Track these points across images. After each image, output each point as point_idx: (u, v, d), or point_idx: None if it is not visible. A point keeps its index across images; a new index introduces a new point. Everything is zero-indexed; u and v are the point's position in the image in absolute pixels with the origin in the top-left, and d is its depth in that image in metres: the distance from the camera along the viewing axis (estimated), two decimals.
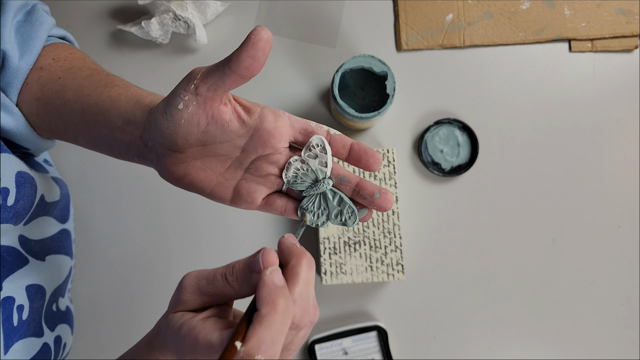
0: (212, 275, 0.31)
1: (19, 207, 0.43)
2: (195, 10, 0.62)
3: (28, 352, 0.47)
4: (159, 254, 0.63)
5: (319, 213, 0.35)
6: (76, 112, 0.39)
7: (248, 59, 0.29)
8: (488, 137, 0.63)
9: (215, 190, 0.36)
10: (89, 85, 0.40)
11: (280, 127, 0.34)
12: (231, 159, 0.35)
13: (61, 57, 0.43)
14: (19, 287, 0.46)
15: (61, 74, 0.41)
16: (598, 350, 0.62)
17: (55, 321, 0.54)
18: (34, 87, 0.41)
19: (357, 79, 0.62)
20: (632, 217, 0.63)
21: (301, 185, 0.35)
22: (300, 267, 0.29)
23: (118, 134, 0.37)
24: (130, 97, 0.37)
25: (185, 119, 0.32)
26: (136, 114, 0.36)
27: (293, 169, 0.35)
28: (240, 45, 0.29)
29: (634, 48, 0.64)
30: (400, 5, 0.64)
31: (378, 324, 0.60)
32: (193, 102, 0.32)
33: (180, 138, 0.33)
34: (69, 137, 0.42)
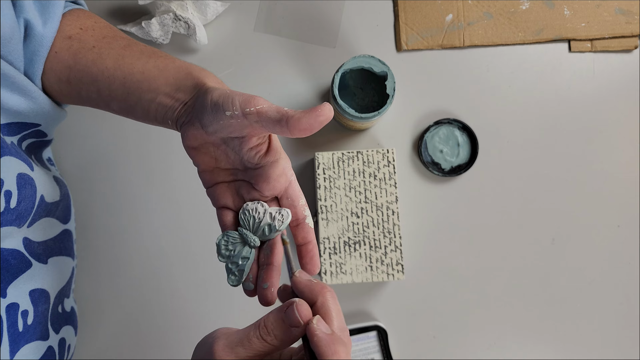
0: (245, 339, 0.31)
1: (21, 208, 0.44)
2: (195, 11, 0.62)
3: (34, 356, 0.47)
4: (160, 254, 0.63)
5: None
6: (116, 78, 0.41)
7: (306, 127, 0.33)
8: (488, 137, 0.63)
9: (204, 173, 0.41)
10: (131, 54, 0.42)
11: (279, 184, 0.39)
12: (232, 167, 0.40)
13: (88, 26, 0.45)
14: (22, 293, 0.47)
15: (95, 43, 0.43)
16: (597, 350, 0.62)
17: (61, 323, 0.54)
18: (65, 55, 0.42)
19: (357, 79, 0.62)
20: (631, 217, 0.63)
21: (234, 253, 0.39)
22: (329, 302, 0.31)
23: (162, 98, 0.40)
24: (178, 68, 0.40)
25: (224, 122, 0.36)
26: (187, 84, 0.39)
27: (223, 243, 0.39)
28: (306, 112, 0.33)
29: (633, 48, 0.64)
30: (400, 5, 0.64)
31: (378, 323, 0.60)
32: (238, 119, 0.35)
33: (211, 126, 0.36)
34: (100, 102, 0.44)
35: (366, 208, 0.58)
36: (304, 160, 0.64)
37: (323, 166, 0.59)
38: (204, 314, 0.62)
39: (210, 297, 0.63)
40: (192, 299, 0.63)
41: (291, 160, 0.65)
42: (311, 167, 0.64)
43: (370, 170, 0.59)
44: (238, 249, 0.39)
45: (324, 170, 0.59)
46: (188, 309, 0.63)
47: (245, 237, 0.38)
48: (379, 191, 0.58)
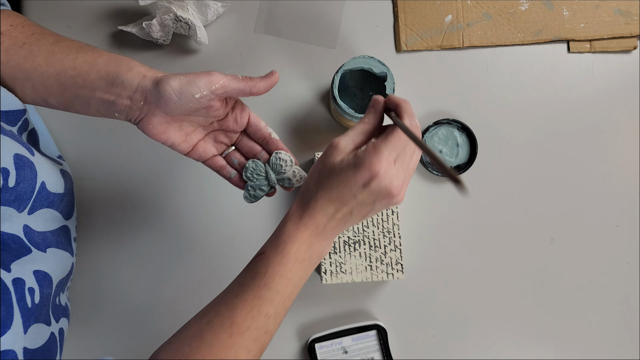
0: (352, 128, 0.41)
1: (20, 189, 0.44)
2: (196, 11, 0.62)
3: (40, 338, 0.47)
4: (158, 254, 0.63)
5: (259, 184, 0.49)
6: (49, 75, 0.43)
7: (264, 91, 0.44)
8: (487, 137, 0.64)
9: (180, 146, 0.46)
10: (60, 51, 0.43)
11: (243, 119, 0.47)
12: (200, 126, 0.47)
13: (17, 23, 0.46)
14: (27, 271, 0.47)
15: (25, 40, 0.44)
16: (597, 350, 0.62)
17: (59, 314, 0.54)
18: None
19: (357, 79, 0.62)
20: (630, 217, 0.63)
21: (257, 181, 0.48)
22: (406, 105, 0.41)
23: (100, 94, 0.42)
24: (107, 61, 0.43)
25: (194, 103, 0.42)
26: (121, 77, 0.42)
27: (251, 167, 0.48)
28: (263, 79, 0.44)
29: (632, 49, 0.64)
30: (399, 6, 0.64)
31: (378, 322, 0.61)
32: (207, 97, 0.42)
33: (179, 111, 0.42)
34: (37, 98, 0.45)
35: None
36: (304, 161, 0.64)
37: None
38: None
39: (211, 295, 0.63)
40: (193, 298, 0.63)
41: None
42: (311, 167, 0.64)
43: None
44: (259, 181, 0.48)
45: None
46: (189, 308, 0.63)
47: (269, 178, 0.48)
48: None
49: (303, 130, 0.64)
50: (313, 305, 0.62)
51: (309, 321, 0.62)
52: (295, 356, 0.62)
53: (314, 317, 0.62)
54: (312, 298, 0.62)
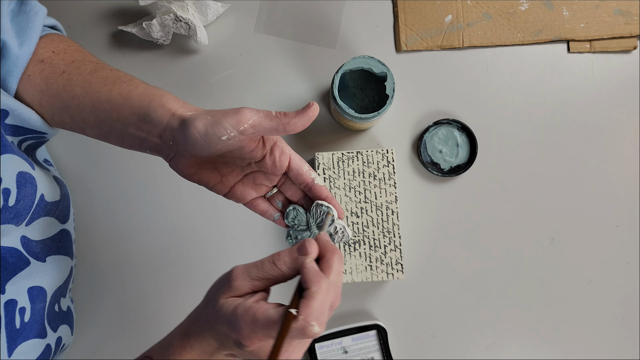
0: (259, 263, 0.36)
1: (20, 207, 0.44)
2: (196, 12, 0.62)
3: (32, 353, 0.47)
4: (158, 254, 0.63)
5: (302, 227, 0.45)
6: (86, 106, 0.42)
7: (301, 127, 0.38)
8: (487, 137, 0.64)
9: (216, 187, 0.43)
10: (97, 81, 0.42)
11: (283, 162, 0.42)
12: (237, 167, 0.43)
13: (60, 49, 0.45)
14: (21, 289, 0.47)
15: (65, 68, 0.43)
16: (596, 350, 0.62)
17: (58, 322, 0.54)
18: (37, 79, 0.43)
19: (357, 79, 0.62)
20: (630, 217, 0.63)
21: (299, 228, 0.45)
22: (334, 261, 0.35)
23: (133, 130, 0.41)
24: (141, 95, 0.41)
25: (222, 146, 0.38)
26: (151, 115, 0.40)
27: (292, 216, 0.45)
28: (298, 114, 0.37)
29: (632, 49, 0.64)
30: (399, 6, 0.64)
31: (377, 322, 0.61)
32: (236, 138, 0.37)
33: (208, 153, 0.39)
34: (75, 127, 0.44)
35: (366, 208, 0.58)
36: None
37: (323, 166, 0.59)
38: None
39: None
40: (193, 298, 0.63)
41: None
42: (311, 167, 0.64)
43: (370, 171, 0.59)
44: (302, 231, 0.45)
45: (324, 170, 0.59)
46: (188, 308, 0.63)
47: (311, 229, 0.45)
48: (379, 191, 0.59)
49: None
50: None
51: None
52: None
53: None
54: None
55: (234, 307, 0.34)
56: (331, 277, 0.35)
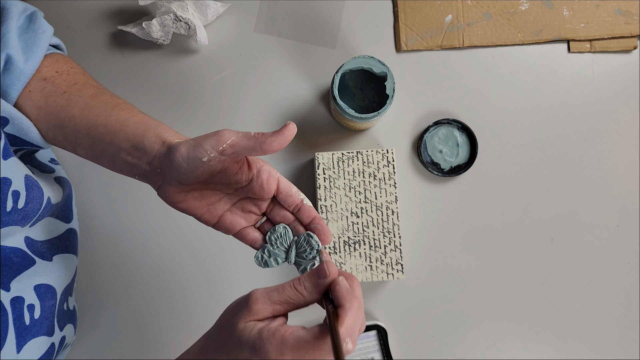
0: (280, 287, 0.36)
1: (28, 209, 0.45)
2: (195, 11, 0.62)
3: (38, 351, 0.48)
4: (159, 254, 0.63)
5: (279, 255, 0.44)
6: (82, 127, 0.43)
7: (278, 147, 0.38)
8: (487, 137, 0.64)
9: (204, 216, 0.43)
10: (96, 105, 0.43)
11: (270, 184, 0.42)
12: (224, 194, 0.43)
13: (64, 70, 0.46)
14: (27, 287, 0.47)
15: (66, 89, 0.44)
16: (597, 350, 0.62)
17: (65, 320, 0.54)
18: (37, 95, 0.44)
19: (357, 79, 0.62)
20: (630, 217, 0.63)
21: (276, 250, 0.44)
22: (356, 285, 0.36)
23: (124, 155, 0.41)
24: (138, 123, 0.42)
25: (204, 168, 0.38)
26: (144, 142, 0.40)
27: (279, 233, 0.43)
28: (275, 134, 0.37)
29: (632, 49, 0.64)
30: (399, 6, 0.64)
31: (378, 323, 0.60)
32: (216, 159, 0.38)
33: (192, 178, 0.39)
34: (67, 146, 0.45)
35: (366, 208, 0.58)
36: (304, 160, 0.64)
37: (323, 166, 0.59)
38: (205, 313, 0.63)
39: (212, 296, 0.63)
40: (193, 298, 0.63)
41: (291, 160, 0.65)
42: (311, 167, 0.64)
43: (370, 171, 0.59)
44: (279, 252, 0.44)
45: (324, 170, 0.59)
46: (188, 308, 0.63)
47: (289, 255, 0.44)
48: (379, 191, 0.59)
49: (303, 130, 0.64)
50: (313, 305, 0.62)
51: (309, 321, 0.62)
52: None
53: (314, 317, 0.62)
54: None
55: (258, 330, 0.33)
56: (359, 298, 0.35)
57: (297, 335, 0.32)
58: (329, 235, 0.43)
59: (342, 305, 0.33)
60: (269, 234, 0.44)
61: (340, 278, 0.35)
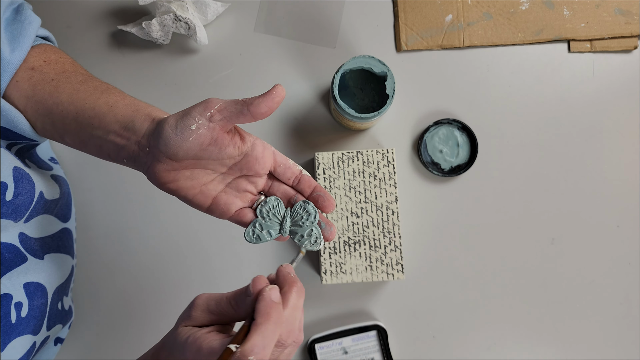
0: (220, 298, 0.36)
1: (18, 202, 0.44)
2: (195, 11, 0.62)
3: (22, 349, 0.47)
4: (159, 254, 0.63)
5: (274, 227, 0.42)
6: (69, 113, 0.42)
7: (266, 109, 0.37)
8: (487, 137, 0.64)
9: (196, 198, 0.40)
10: (85, 90, 0.42)
11: (266, 157, 0.40)
12: (217, 174, 0.41)
13: (52, 59, 0.45)
14: (16, 285, 0.47)
15: (54, 76, 0.44)
16: (597, 350, 0.62)
17: (56, 320, 0.54)
18: (25, 85, 0.43)
19: (357, 79, 0.62)
20: (631, 217, 0.63)
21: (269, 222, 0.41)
22: (291, 294, 0.35)
23: (113, 137, 0.40)
24: (127, 105, 0.41)
25: (193, 138, 0.37)
26: (134, 122, 0.39)
27: (270, 205, 0.41)
28: (262, 96, 0.37)
29: (633, 48, 0.64)
30: (399, 5, 0.64)
31: (378, 323, 0.60)
32: (205, 126, 0.37)
33: (182, 151, 0.38)
34: (55, 135, 0.44)
35: (366, 208, 0.58)
36: (304, 160, 0.64)
37: (323, 166, 0.59)
38: None
39: None
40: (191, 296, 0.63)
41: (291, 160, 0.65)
42: (311, 167, 0.64)
43: (370, 170, 0.59)
44: (272, 224, 0.41)
45: (324, 170, 0.59)
46: None
47: (284, 225, 0.41)
48: (379, 191, 0.58)
49: (303, 130, 0.64)
50: (313, 305, 0.62)
51: (309, 321, 0.62)
52: (295, 357, 0.62)
53: (314, 317, 0.62)
54: (312, 298, 0.62)
55: (187, 336, 0.34)
56: (286, 311, 0.34)
57: (210, 346, 0.32)
58: (332, 202, 0.41)
59: (254, 320, 0.32)
60: (260, 207, 0.41)
61: (267, 289, 0.33)
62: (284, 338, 0.34)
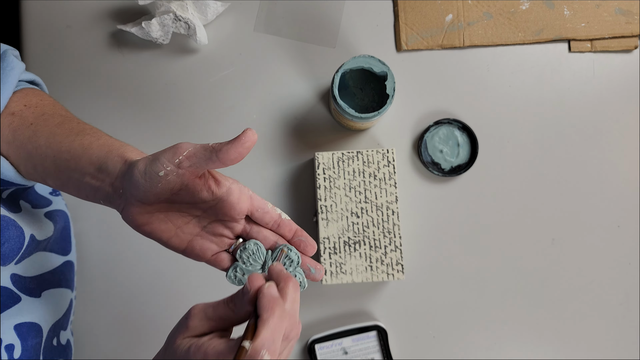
0: (216, 303, 0.35)
1: (6, 249, 0.44)
2: (195, 11, 0.62)
3: None
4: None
5: None
6: (48, 156, 0.41)
7: (236, 155, 0.35)
8: (488, 137, 0.63)
9: (171, 241, 0.40)
10: (61, 133, 0.42)
11: (242, 203, 0.40)
12: (192, 217, 0.41)
13: (32, 103, 0.45)
14: (6, 328, 0.46)
15: (33, 120, 0.43)
16: (597, 350, 0.62)
17: (54, 356, 0.53)
18: (5, 131, 0.43)
19: (357, 79, 0.62)
20: (631, 217, 0.63)
21: (249, 266, 0.41)
22: (288, 288, 0.35)
23: (88, 179, 0.40)
24: (101, 146, 0.40)
25: (162, 184, 0.37)
26: (107, 163, 0.39)
27: (250, 251, 0.41)
28: (231, 142, 0.35)
29: (633, 48, 0.64)
30: (400, 5, 0.64)
31: (378, 323, 0.60)
32: (174, 172, 0.36)
33: (152, 195, 0.37)
34: (38, 177, 0.44)
35: (366, 208, 0.58)
36: (304, 160, 0.64)
37: (323, 166, 0.59)
38: None
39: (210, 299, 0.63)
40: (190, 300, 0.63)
41: (291, 160, 0.65)
42: (311, 167, 0.64)
43: (370, 170, 0.59)
44: (253, 267, 0.41)
45: (324, 170, 0.59)
46: None
47: (265, 269, 0.41)
48: (379, 191, 0.58)
49: (303, 130, 0.64)
50: (313, 306, 0.62)
51: (309, 322, 0.62)
52: (295, 357, 0.62)
53: (313, 317, 0.62)
54: (312, 299, 0.62)
55: (188, 346, 0.33)
56: (287, 304, 0.34)
57: (216, 351, 0.32)
58: (313, 246, 0.42)
59: (259, 316, 0.32)
60: (239, 252, 0.41)
61: (266, 286, 0.34)
62: (288, 331, 0.34)
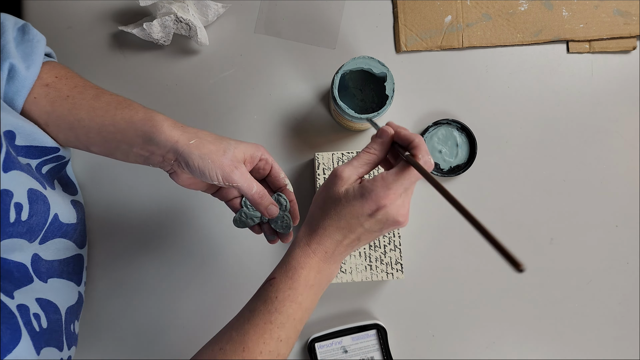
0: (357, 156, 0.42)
1: (32, 222, 0.46)
2: (196, 12, 0.62)
3: None
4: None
5: None
6: (92, 128, 0.46)
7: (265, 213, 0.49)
8: (486, 137, 0.64)
9: (205, 191, 0.51)
10: (100, 107, 0.47)
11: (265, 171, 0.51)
12: None
13: (62, 75, 0.49)
14: (29, 298, 0.48)
15: (68, 92, 0.47)
16: (596, 349, 0.62)
17: (71, 342, 0.54)
18: (43, 101, 0.47)
19: (357, 80, 0.62)
20: (630, 217, 0.63)
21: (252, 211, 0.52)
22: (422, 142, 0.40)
23: (137, 149, 0.46)
24: (143, 120, 0.46)
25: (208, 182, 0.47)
26: (154, 138, 0.45)
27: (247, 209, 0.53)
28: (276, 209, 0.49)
29: (631, 49, 0.64)
30: (399, 7, 0.65)
31: (377, 322, 0.61)
32: (220, 185, 0.47)
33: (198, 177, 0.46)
34: (80, 145, 0.49)
35: None
36: (304, 161, 0.64)
37: (323, 166, 0.59)
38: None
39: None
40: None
41: (291, 160, 0.65)
42: (311, 167, 0.64)
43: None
44: (255, 212, 0.52)
45: (324, 170, 0.59)
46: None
47: None
48: None
49: (303, 130, 0.65)
50: None
51: (309, 320, 0.62)
52: (295, 356, 0.62)
53: (313, 316, 0.62)
54: None
55: (359, 185, 0.40)
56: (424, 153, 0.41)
57: (392, 172, 0.39)
58: (296, 217, 0.52)
59: (412, 140, 0.40)
60: (245, 200, 0.52)
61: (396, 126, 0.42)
62: None
